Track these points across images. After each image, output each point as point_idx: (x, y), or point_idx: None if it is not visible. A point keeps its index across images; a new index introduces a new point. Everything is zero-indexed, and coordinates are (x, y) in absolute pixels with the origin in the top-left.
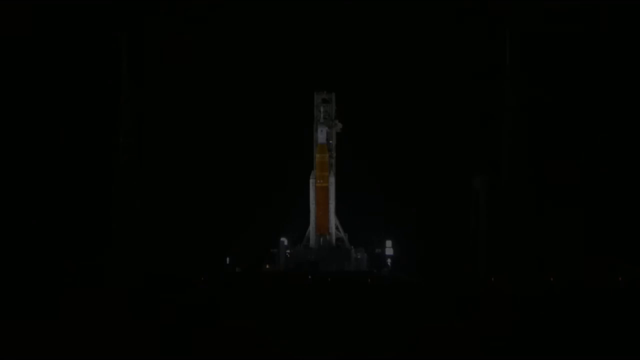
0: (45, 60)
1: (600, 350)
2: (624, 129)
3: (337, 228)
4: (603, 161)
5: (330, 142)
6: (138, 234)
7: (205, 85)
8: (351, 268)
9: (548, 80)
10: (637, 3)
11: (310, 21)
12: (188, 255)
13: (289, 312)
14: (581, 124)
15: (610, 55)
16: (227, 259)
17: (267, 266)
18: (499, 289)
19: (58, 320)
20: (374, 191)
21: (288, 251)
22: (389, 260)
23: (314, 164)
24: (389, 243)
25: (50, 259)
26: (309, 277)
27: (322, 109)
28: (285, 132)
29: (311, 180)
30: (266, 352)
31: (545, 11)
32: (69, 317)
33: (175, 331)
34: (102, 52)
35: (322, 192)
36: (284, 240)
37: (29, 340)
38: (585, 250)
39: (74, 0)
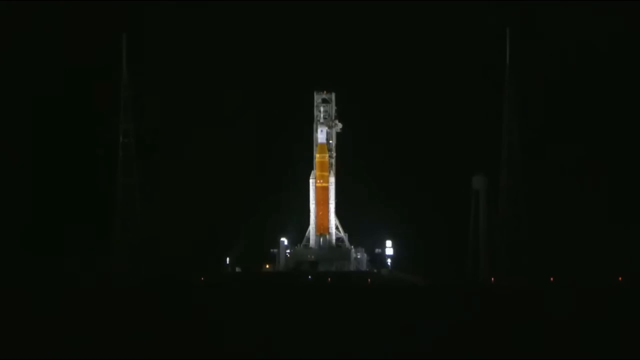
0: (46, 60)
1: (600, 350)
2: (625, 129)
3: (337, 228)
4: (603, 160)
5: (330, 142)
6: (138, 234)
7: (205, 85)
8: (351, 268)
9: (548, 79)
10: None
11: (311, 21)
12: (188, 256)
13: (288, 312)
14: (581, 124)
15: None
16: (227, 259)
17: (267, 266)
18: (499, 288)
19: (58, 319)
20: (374, 191)
21: (288, 251)
22: (388, 260)
23: (314, 164)
24: (389, 243)
25: (50, 257)
26: (309, 277)
27: (322, 109)
28: (285, 132)
29: (311, 180)
30: (266, 351)
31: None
32: (69, 317)
33: (176, 330)
34: (102, 52)
35: (322, 192)
36: (284, 240)
37: (29, 339)
38: (585, 249)
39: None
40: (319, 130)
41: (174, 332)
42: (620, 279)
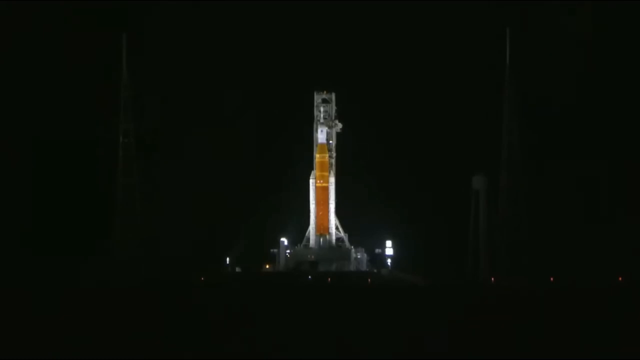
0: (46, 60)
1: (600, 350)
2: (625, 128)
3: (337, 228)
4: (603, 159)
5: (330, 142)
6: (138, 234)
7: (205, 85)
8: (351, 268)
9: (548, 79)
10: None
11: (311, 21)
12: (188, 256)
13: (288, 312)
14: (581, 124)
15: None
16: (227, 259)
17: (267, 266)
18: (499, 288)
19: (58, 319)
20: (374, 191)
21: (288, 251)
22: (388, 260)
23: (314, 164)
24: (389, 243)
25: (50, 257)
26: (309, 277)
27: (322, 109)
28: (285, 132)
29: (311, 180)
30: (266, 351)
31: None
32: (69, 317)
33: (176, 330)
34: (102, 52)
35: (322, 192)
36: (284, 240)
37: (29, 339)
38: (585, 249)
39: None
40: (319, 130)
41: (174, 332)
42: (620, 279)
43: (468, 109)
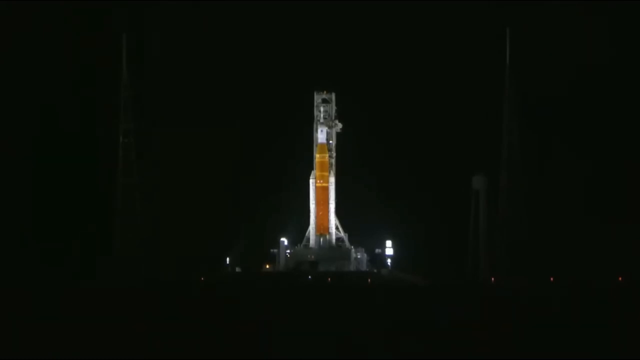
0: (46, 60)
1: (600, 350)
2: (626, 129)
3: (337, 228)
4: (603, 160)
5: (330, 142)
6: (138, 234)
7: (205, 85)
8: (351, 268)
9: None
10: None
11: (311, 21)
12: (188, 256)
13: (288, 312)
14: (581, 124)
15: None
16: (227, 259)
17: (267, 266)
18: (499, 288)
19: (59, 319)
20: (374, 191)
21: (288, 251)
22: (388, 260)
23: (314, 164)
24: (389, 243)
25: (50, 258)
26: (309, 277)
27: (322, 109)
28: (285, 132)
29: (311, 180)
30: (266, 351)
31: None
32: (69, 317)
33: (176, 330)
34: (102, 52)
35: (322, 192)
36: (284, 240)
37: (29, 339)
38: (585, 249)
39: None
40: (319, 130)
41: (174, 332)
42: (620, 279)
43: (468, 109)
